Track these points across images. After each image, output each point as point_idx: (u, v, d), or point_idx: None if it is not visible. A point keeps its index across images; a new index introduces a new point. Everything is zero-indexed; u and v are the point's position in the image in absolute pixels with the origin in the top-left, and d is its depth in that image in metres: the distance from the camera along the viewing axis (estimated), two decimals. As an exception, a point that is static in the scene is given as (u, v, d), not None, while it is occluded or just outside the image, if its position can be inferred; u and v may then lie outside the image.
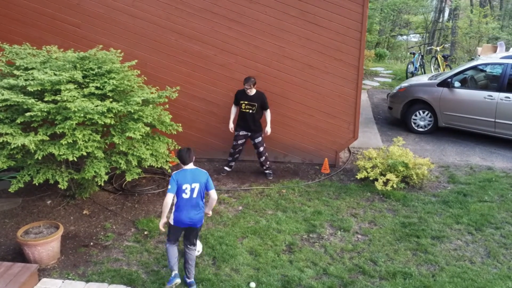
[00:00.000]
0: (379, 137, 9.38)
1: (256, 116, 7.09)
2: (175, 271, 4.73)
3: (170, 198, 4.61)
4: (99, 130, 5.65)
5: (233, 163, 7.53)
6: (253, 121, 7.09)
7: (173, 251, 4.82)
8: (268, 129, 7.17)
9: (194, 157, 4.84)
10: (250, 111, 7.03)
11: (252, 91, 6.99)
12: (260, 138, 7.21)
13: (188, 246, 4.81)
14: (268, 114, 7.17)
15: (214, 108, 7.73)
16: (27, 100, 5.18)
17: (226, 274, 5.00)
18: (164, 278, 4.90)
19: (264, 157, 7.35)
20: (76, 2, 7.45)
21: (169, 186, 4.63)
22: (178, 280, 4.68)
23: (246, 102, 7.02)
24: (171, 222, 4.75)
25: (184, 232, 4.79)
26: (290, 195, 6.82)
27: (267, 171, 7.47)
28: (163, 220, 4.71)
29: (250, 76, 7.04)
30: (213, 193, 4.79)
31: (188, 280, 4.81)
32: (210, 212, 4.98)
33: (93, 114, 5.25)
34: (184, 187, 4.63)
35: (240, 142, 7.25)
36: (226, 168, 7.54)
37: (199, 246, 5.25)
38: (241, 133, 7.18)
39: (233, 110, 7.28)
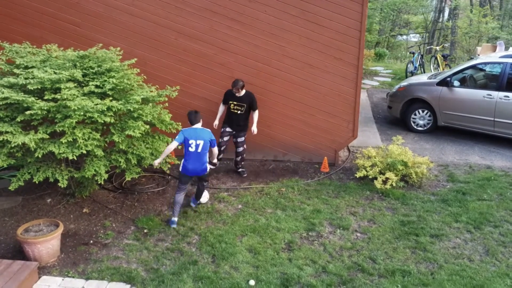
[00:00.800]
0: (378, 136, 9.39)
1: (244, 117, 7.14)
2: (175, 218, 5.88)
3: (173, 145, 5.65)
4: (99, 129, 5.67)
5: (220, 155, 7.48)
6: (240, 121, 7.15)
7: (179, 199, 5.89)
8: (254, 129, 7.11)
9: (201, 120, 5.87)
10: (239, 111, 7.07)
11: (241, 93, 7.00)
12: (242, 138, 7.25)
13: (202, 183, 6.10)
14: (256, 114, 7.18)
15: (214, 107, 7.73)
16: (27, 99, 5.19)
17: (225, 272, 5.01)
18: (163, 276, 4.91)
19: (240, 157, 7.41)
20: (76, 1, 7.46)
21: (177, 137, 5.69)
22: (175, 226, 5.86)
23: (235, 103, 7.05)
24: (180, 169, 5.85)
25: (196, 178, 6.06)
26: (290, 194, 6.84)
27: (240, 170, 7.52)
28: (159, 160, 5.74)
29: (239, 79, 7.01)
30: (214, 149, 5.94)
31: (192, 198, 6.32)
32: (216, 161, 6.33)
33: (92, 112, 5.27)
34: (190, 142, 5.69)
35: (225, 139, 7.24)
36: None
37: (206, 195, 6.45)
38: (227, 129, 7.21)
39: (221, 108, 7.29)
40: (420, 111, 9.54)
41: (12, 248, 5.42)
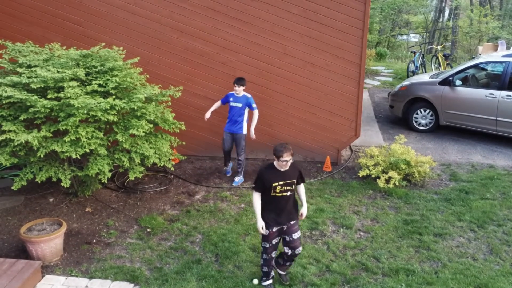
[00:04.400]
0: (380, 135, 9.38)
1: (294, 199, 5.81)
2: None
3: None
4: (102, 128, 5.66)
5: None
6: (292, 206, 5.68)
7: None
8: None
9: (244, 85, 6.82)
10: (289, 193, 5.52)
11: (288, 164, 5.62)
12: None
13: None
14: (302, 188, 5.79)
15: (216, 106, 7.74)
16: (30, 97, 5.18)
17: (229, 270, 5.00)
18: (167, 274, 4.90)
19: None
20: (79, 0, 7.45)
21: (254, 105, 6.88)
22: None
23: (281, 183, 5.49)
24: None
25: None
26: (292, 193, 6.82)
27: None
28: None
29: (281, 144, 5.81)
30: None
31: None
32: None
33: (96, 111, 5.26)
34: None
35: (274, 242, 5.32)
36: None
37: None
38: (274, 229, 5.40)
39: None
40: (422, 110, 9.53)
41: (15, 247, 5.41)
